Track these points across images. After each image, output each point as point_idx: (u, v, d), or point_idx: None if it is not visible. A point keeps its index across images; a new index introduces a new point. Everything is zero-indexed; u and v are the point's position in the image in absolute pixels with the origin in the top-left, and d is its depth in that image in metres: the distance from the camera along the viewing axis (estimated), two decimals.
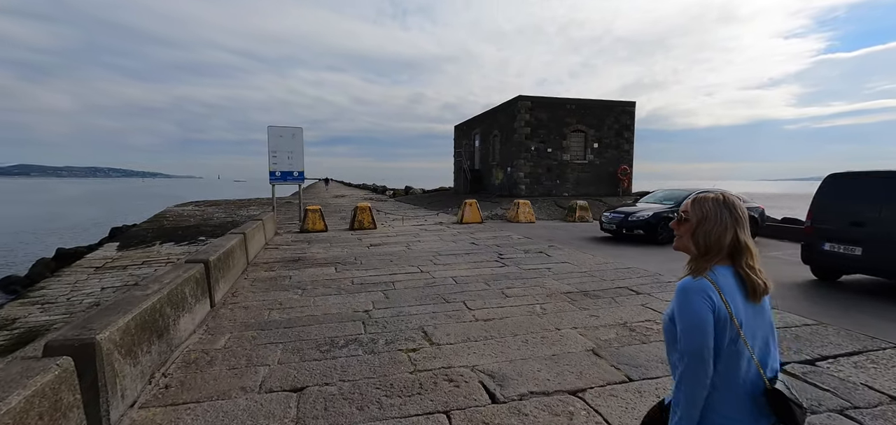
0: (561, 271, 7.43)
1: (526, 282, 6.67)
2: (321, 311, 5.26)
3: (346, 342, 4.29)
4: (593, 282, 6.62)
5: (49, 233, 26.08)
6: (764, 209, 11.99)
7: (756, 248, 1.43)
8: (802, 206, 11.32)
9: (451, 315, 5.11)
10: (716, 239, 1.39)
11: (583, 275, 7.16)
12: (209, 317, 5.02)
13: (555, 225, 15.04)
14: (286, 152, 13.89)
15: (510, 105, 22.94)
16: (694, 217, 1.44)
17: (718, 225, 1.39)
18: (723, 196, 1.45)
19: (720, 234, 1.39)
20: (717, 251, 1.39)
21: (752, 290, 1.37)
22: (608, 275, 7.15)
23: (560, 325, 4.73)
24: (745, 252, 1.39)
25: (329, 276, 7.14)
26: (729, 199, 1.44)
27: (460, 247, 9.99)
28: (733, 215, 1.40)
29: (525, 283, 6.56)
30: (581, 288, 6.32)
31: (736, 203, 1.43)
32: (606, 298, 5.78)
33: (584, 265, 7.95)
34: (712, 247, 1.39)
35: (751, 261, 1.39)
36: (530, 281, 6.74)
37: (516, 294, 5.99)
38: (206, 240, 12.74)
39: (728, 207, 1.41)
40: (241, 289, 6.32)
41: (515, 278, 6.91)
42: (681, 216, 1.48)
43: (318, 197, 32.79)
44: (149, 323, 3.52)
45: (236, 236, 7.52)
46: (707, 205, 1.43)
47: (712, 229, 1.39)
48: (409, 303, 5.62)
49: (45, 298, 7.72)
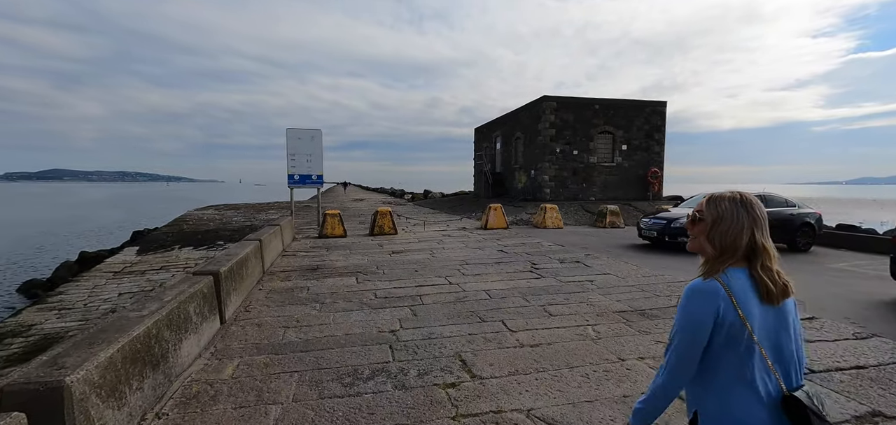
0: (605, 284, 6.67)
1: (569, 297, 5.94)
2: (342, 331, 4.65)
3: (372, 372, 3.65)
4: (647, 299, 5.85)
5: (75, 236, 26.45)
6: (821, 215, 10.93)
7: (775, 250, 1.34)
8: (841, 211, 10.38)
9: (491, 338, 4.42)
10: (732, 240, 1.32)
11: (632, 289, 6.38)
12: (218, 336, 4.46)
13: (585, 231, 14.21)
14: (305, 155, 13.46)
15: (534, 106, 22.14)
16: (709, 216, 1.37)
17: (735, 225, 1.32)
18: (740, 195, 1.37)
19: (736, 235, 1.32)
20: (733, 252, 1.33)
21: (766, 293, 1.29)
22: (661, 289, 6.36)
23: (622, 354, 4.00)
24: (761, 253, 1.32)
25: (350, 288, 6.55)
26: (746, 198, 1.36)
27: (488, 256, 9.30)
28: (751, 215, 1.33)
29: (568, 299, 5.83)
30: (634, 306, 5.56)
31: (753, 202, 1.35)
32: (667, 319, 5.01)
33: (629, 277, 7.17)
34: (728, 248, 1.33)
35: (768, 262, 1.31)
36: (573, 296, 6.01)
37: (561, 312, 5.27)
38: (224, 245, 12.50)
39: (745, 207, 1.34)
40: (256, 302, 5.78)
41: (556, 292, 6.18)
42: (695, 215, 1.41)
43: (337, 200, 32.54)
44: (142, 352, 2.95)
45: (251, 243, 7.01)
46: (723, 205, 1.36)
47: (728, 229, 1.33)
48: (440, 321, 4.96)
49: (62, 304, 7.54)
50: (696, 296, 1.31)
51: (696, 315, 1.29)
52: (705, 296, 1.29)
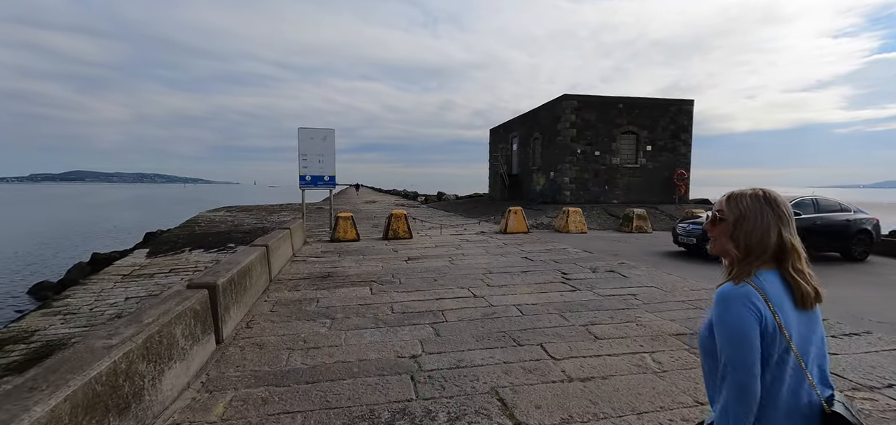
0: (651, 299, 5.90)
1: (613, 315, 5.19)
2: (355, 355, 3.99)
3: (392, 415, 2.98)
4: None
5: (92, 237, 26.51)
6: (878, 221, 9.94)
7: (803, 250, 1.20)
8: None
9: (531, 368, 3.72)
10: (759, 239, 1.19)
11: (683, 306, 5.60)
12: (212, 361, 3.84)
13: (610, 236, 13.37)
14: (317, 155, 12.92)
15: (554, 105, 21.31)
16: (731, 216, 1.24)
17: (760, 223, 1.20)
18: (763, 191, 1.24)
19: (763, 234, 1.19)
20: (761, 253, 1.19)
21: (801, 298, 1.17)
22: None
23: (698, 394, 3.25)
24: (791, 253, 1.19)
25: (363, 300, 5.91)
26: (770, 195, 1.23)
27: (512, 263, 8.58)
28: (776, 212, 1.20)
29: (613, 318, 5.08)
30: (691, 326, 4.79)
31: (777, 198, 1.23)
32: None
33: (675, 290, 6.38)
34: (755, 248, 1.20)
35: (799, 263, 1.19)
36: (618, 313, 5.26)
37: (608, 334, 4.54)
38: (235, 248, 12.13)
39: (769, 203, 1.21)
40: (259, 316, 5.17)
41: (596, 309, 5.44)
42: (715, 215, 1.29)
43: (350, 202, 32.12)
44: (104, 395, 2.33)
45: (257, 249, 6.42)
46: (745, 202, 1.23)
47: (754, 229, 1.20)
48: (468, 344, 4.27)
49: (68, 308, 7.23)
50: (736, 300, 1.15)
51: (745, 320, 1.12)
52: (743, 301, 1.14)
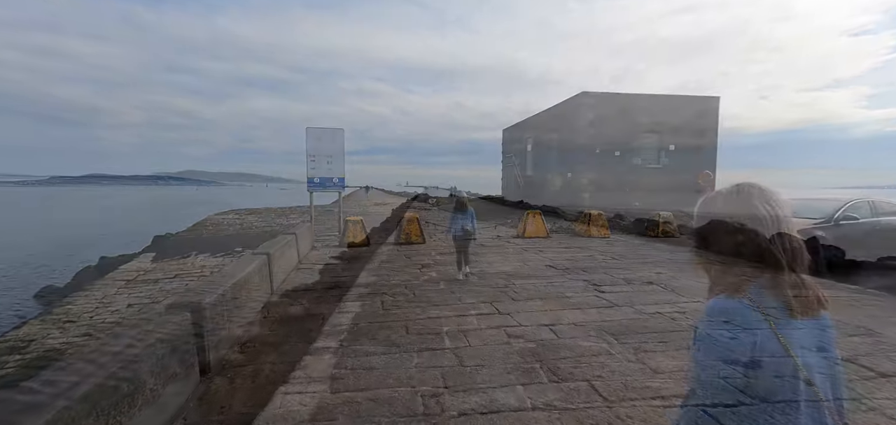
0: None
1: (665, 339, 4.43)
2: (364, 394, 3.31)
3: None
4: None
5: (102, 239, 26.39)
6: None
7: (805, 252, 1.06)
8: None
9: (584, 417, 2.99)
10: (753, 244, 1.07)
11: None
12: (192, 400, 3.19)
13: (636, 241, 12.54)
14: (325, 156, 12.34)
15: (571, 103, 20.51)
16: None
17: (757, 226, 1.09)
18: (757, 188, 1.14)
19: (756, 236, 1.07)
20: (757, 258, 1.06)
21: (803, 305, 1.02)
22: None
23: None
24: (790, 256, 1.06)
25: (374, 316, 5.24)
26: (765, 192, 1.12)
27: (535, 271, 7.86)
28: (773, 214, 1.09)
29: (666, 344, 4.32)
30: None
31: (776, 199, 1.11)
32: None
33: None
34: (748, 254, 1.07)
35: (799, 269, 1.05)
36: (671, 336, 4.50)
37: (665, 366, 3.78)
38: (242, 252, 11.68)
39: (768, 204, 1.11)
40: (256, 338, 4.53)
41: (643, 331, 4.69)
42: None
43: (359, 205, 31.60)
44: None
45: (257, 258, 5.81)
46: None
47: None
48: (498, 378, 3.56)
49: (68, 315, 6.92)
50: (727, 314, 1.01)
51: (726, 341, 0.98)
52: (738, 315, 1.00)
